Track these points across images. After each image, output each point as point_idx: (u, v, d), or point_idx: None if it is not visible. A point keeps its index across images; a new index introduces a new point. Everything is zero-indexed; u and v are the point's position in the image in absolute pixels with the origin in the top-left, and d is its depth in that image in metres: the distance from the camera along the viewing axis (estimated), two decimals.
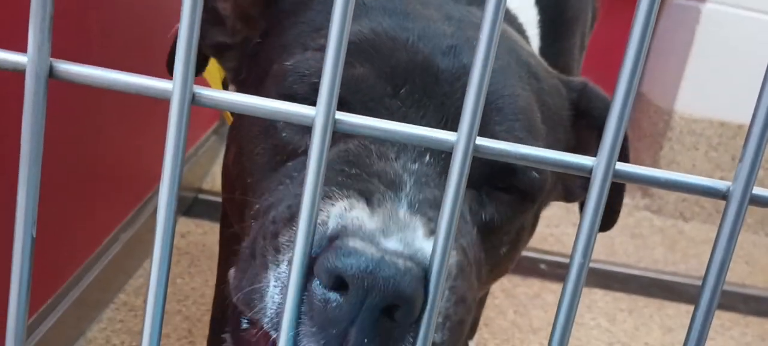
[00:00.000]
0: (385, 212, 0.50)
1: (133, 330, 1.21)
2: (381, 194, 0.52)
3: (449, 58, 0.59)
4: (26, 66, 0.31)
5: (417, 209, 0.52)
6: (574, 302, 0.32)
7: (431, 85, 0.58)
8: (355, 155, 0.55)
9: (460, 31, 0.62)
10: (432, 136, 0.32)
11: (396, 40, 0.59)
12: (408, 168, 0.55)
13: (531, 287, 1.56)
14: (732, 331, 1.55)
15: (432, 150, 0.56)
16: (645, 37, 0.30)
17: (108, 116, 1.18)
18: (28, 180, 0.32)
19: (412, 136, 0.32)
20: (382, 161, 0.55)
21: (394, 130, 0.32)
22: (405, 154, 0.56)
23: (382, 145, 0.56)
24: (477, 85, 0.30)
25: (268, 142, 0.61)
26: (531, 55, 0.68)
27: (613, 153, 0.31)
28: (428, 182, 0.55)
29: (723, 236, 0.31)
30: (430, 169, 0.56)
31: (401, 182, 0.54)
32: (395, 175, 0.54)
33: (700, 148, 2.08)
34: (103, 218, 1.24)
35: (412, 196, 0.53)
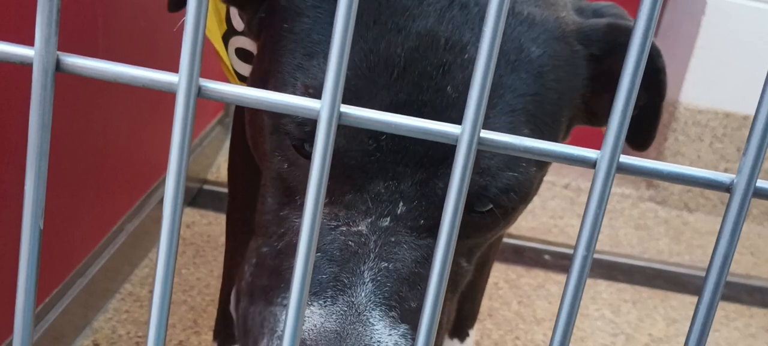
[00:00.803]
0: (340, 311, 0.52)
1: (139, 320, 1.22)
2: (334, 284, 0.53)
3: (436, 85, 0.56)
4: (33, 59, 0.31)
5: (379, 297, 0.53)
6: (577, 294, 0.33)
7: (430, 80, 0.55)
8: (321, 234, 0.56)
9: (458, 31, 0.57)
10: (435, 129, 0.32)
11: (380, 81, 0.55)
12: (377, 227, 0.55)
13: (535, 278, 1.56)
14: (736, 322, 1.55)
15: (406, 196, 0.56)
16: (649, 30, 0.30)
17: (114, 108, 1.18)
18: (35, 172, 0.33)
19: (415, 129, 0.32)
20: (347, 229, 0.55)
21: (397, 123, 0.32)
22: (377, 209, 0.55)
23: (350, 208, 0.56)
24: (481, 77, 0.31)
25: (272, 171, 0.61)
26: (532, 24, 0.60)
27: (616, 146, 0.31)
28: (398, 242, 0.55)
29: (726, 229, 0.32)
30: (400, 223, 0.56)
31: (364, 253, 0.54)
32: (358, 245, 0.55)
33: (705, 140, 2.08)
34: (109, 209, 1.25)
35: (375, 273, 0.54)
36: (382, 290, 0.53)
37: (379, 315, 0.52)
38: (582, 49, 0.63)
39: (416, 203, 0.56)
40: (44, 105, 0.32)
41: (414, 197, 0.56)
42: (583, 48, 0.63)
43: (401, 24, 0.56)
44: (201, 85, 0.32)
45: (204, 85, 0.32)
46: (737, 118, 2.05)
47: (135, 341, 1.18)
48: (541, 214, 1.83)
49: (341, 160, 0.55)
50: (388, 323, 0.52)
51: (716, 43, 1.99)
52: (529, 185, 0.59)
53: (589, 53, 0.63)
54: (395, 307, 0.53)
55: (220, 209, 1.56)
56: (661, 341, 1.43)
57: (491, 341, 1.35)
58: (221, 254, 1.37)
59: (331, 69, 0.31)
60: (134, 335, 1.19)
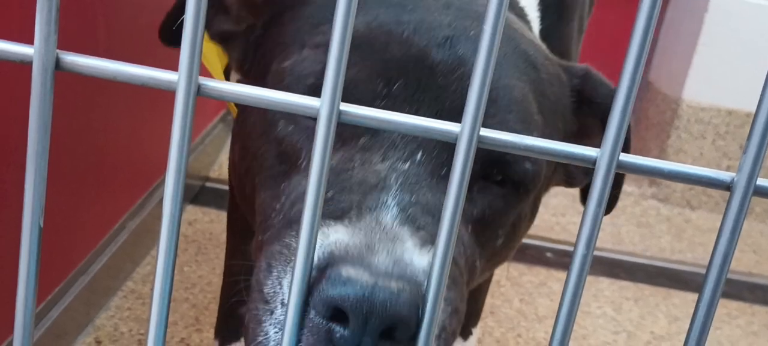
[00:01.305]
0: (367, 226, 0.50)
1: (141, 318, 1.22)
2: (356, 208, 0.51)
3: (445, 50, 0.58)
4: (33, 58, 0.31)
5: (406, 217, 0.51)
6: (577, 292, 0.32)
7: (426, 78, 0.57)
8: (335, 173, 0.55)
9: (458, 21, 0.61)
10: (435, 128, 0.32)
11: (390, 35, 0.58)
12: (396, 169, 0.54)
13: (537, 276, 1.56)
14: (738, 320, 1.55)
15: (424, 146, 0.56)
16: (649, 26, 0.30)
17: (115, 106, 1.18)
18: (35, 170, 0.33)
19: (415, 127, 0.32)
20: (365, 168, 0.54)
21: (397, 121, 0.32)
22: (394, 154, 0.55)
23: (366, 150, 0.56)
24: (481, 75, 0.30)
25: (270, 148, 0.61)
26: (530, 43, 0.67)
27: (616, 144, 0.31)
28: (419, 182, 0.54)
29: (727, 227, 0.31)
30: (421, 168, 0.55)
31: (385, 186, 0.53)
32: (377, 179, 0.53)
33: (707, 137, 2.07)
34: (110, 207, 1.25)
35: (399, 200, 0.52)
36: (407, 212, 0.51)
37: (408, 232, 0.50)
38: (566, 78, 0.69)
39: (437, 152, 0.56)
40: (44, 103, 0.32)
41: (434, 146, 0.56)
42: (567, 78, 0.69)
43: (408, 5, 0.61)
44: (200, 83, 0.32)
45: (203, 84, 0.32)
46: (740, 115, 2.05)
47: (137, 339, 1.18)
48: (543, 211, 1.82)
49: (352, 98, 0.54)
50: (418, 242, 0.49)
51: (719, 41, 1.99)
52: (539, 164, 0.61)
53: (571, 86, 0.69)
54: (423, 228, 0.51)
55: (222, 206, 1.56)
56: (663, 339, 1.43)
57: (493, 339, 1.35)
58: (223, 251, 1.37)
59: (330, 67, 0.31)
60: (136, 333, 1.19)
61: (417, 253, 0.49)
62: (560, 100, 0.67)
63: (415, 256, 0.48)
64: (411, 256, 0.48)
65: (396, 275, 0.46)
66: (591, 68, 0.71)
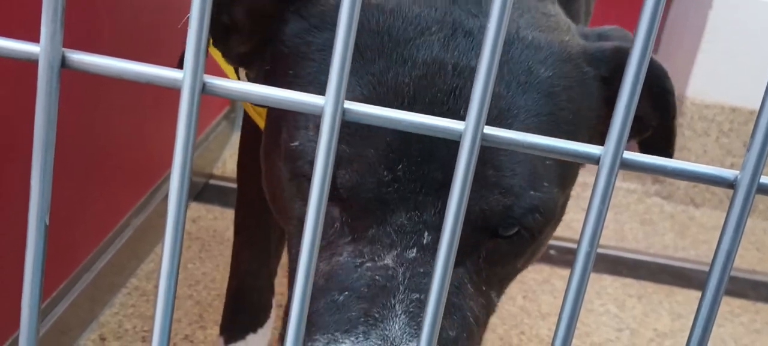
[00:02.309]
0: (374, 342, 0.50)
1: (145, 315, 1.22)
2: (365, 323, 0.51)
3: (448, 111, 0.55)
4: (39, 56, 0.31)
5: (413, 328, 0.51)
6: (581, 289, 0.33)
7: (428, 151, 0.55)
8: (344, 272, 0.54)
9: (463, 58, 0.56)
10: (439, 126, 0.32)
11: (392, 105, 0.54)
12: (404, 259, 0.54)
13: (540, 273, 1.56)
14: (742, 317, 1.55)
15: (430, 226, 0.54)
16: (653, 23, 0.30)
17: (120, 103, 1.19)
18: (41, 168, 0.33)
19: (419, 125, 0.32)
20: (373, 264, 0.54)
21: (401, 119, 0.32)
22: (402, 240, 0.54)
23: (374, 242, 0.55)
24: (485, 73, 0.31)
25: (294, 219, 0.61)
26: (543, 48, 0.59)
27: (620, 142, 0.31)
28: (428, 273, 0.54)
29: (730, 225, 0.32)
30: (428, 253, 0.54)
31: (393, 287, 0.53)
32: (386, 279, 0.53)
33: (711, 134, 2.07)
34: (115, 204, 1.25)
35: (407, 306, 0.52)
36: (416, 321, 0.51)
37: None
38: (591, 70, 0.62)
39: None
40: (50, 101, 0.32)
41: (439, 225, 0.54)
42: (591, 69, 0.62)
43: (406, 55, 0.56)
44: (205, 81, 0.32)
45: (208, 82, 0.32)
46: (744, 112, 2.04)
47: (141, 336, 1.18)
48: None
49: (358, 194, 0.54)
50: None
51: (723, 38, 1.98)
52: (553, 205, 0.58)
53: (598, 74, 0.63)
54: None
55: (226, 203, 1.56)
56: (666, 336, 1.43)
57: (496, 336, 1.35)
58: (227, 248, 1.37)
59: (334, 65, 0.31)
60: (140, 330, 1.19)
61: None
62: (583, 106, 0.62)
63: None
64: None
65: None
66: (621, 44, 0.63)
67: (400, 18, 0.57)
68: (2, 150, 0.89)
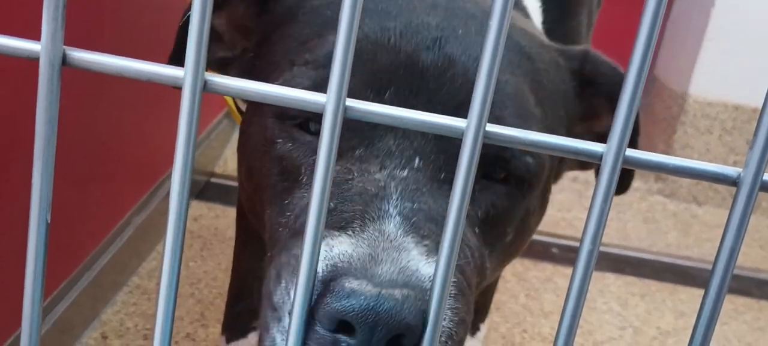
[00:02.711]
0: (371, 236, 0.50)
1: (147, 313, 1.23)
2: (359, 219, 0.51)
3: (433, 52, 0.58)
4: (40, 54, 0.31)
5: (410, 226, 0.51)
6: (583, 287, 0.32)
7: (416, 82, 0.57)
8: (335, 184, 0.54)
9: (445, 21, 0.61)
10: (441, 123, 0.32)
11: (377, 43, 0.58)
12: (395, 176, 0.54)
13: (543, 271, 1.56)
14: (745, 315, 1.54)
15: (421, 153, 0.55)
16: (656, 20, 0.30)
17: (121, 101, 1.19)
18: (42, 165, 0.33)
19: (421, 122, 0.32)
20: (363, 178, 0.54)
21: (403, 116, 0.32)
22: (391, 162, 0.55)
23: (363, 161, 0.56)
24: (487, 70, 0.30)
25: (272, 166, 0.61)
26: (523, 33, 0.66)
27: (623, 139, 0.31)
28: (419, 189, 0.54)
29: (733, 223, 0.31)
30: (419, 174, 0.55)
31: (386, 195, 0.53)
32: (377, 189, 0.53)
33: (714, 132, 2.07)
34: (116, 202, 1.25)
35: (401, 209, 0.52)
36: (410, 221, 0.51)
37: (413, 242, 0.50)
38: (563, 61, 0.68)
39: (433, 156, 0.56)
40: (51, 99, 0.32)
41: (430, 151, 0.56)
42: (564, 61, 0.68)
43: (393, 11, 0.61)
44: (206, 79, 0.32)
45: (209, 79, 0.32)
46: (747, 110, 2.04)
47: (143, 334, 1.18)
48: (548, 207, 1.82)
49: None
50: (423, 251, 0.50)
51: (726, 35, 1.98)
52: (541, 157, 0.60)
53: (570, 67, 0.68)
54: (428, 236, 0.51)
55: (228, 201, 1.56)
56: (669, 335, 1.43)
57: (499, 334, 1.35)
58: (229, 246, 1.37)
59: (336, 63, 0.31)
60: (142, 328, 1.19)
61: (423, 261, 0.49)
62: (559, 87, 0.67)
63: (421, 264, 0.49)
64: (416, 264, 0.48)
65: (401, 283, 0.46)
66: (589, 49, 0.69)
67: None
68: (4, 148, 0.90)
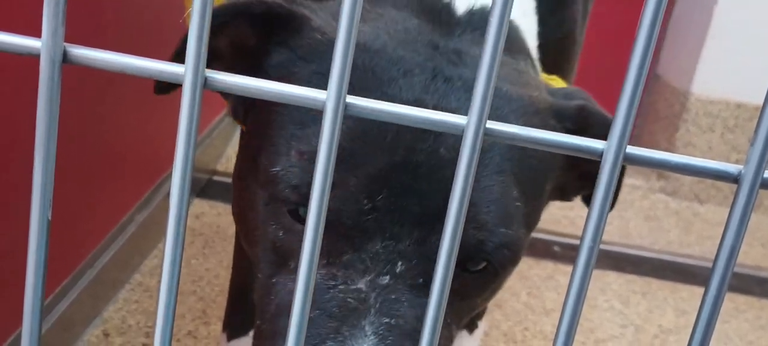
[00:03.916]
0: None
1: (149, 310, 1.23)
2: (335, 340, 0.53)
3: (427, 152, 0.57)
4: (40, 51, 0.31)
5: (384, 344, 0.53)
6: (584, 284, 0.32)
7: (408, 184, 0.56)
8: (319, 292, 0.55)
9: (444, 101, 0.59)
10: (442, 120, 0.32)
11: (374, 144, 0.57)
12: (377, 285, 0.55)
13: (544, 269, 1.56)
14: (746, 314, 1.54)
15: (404, 256, 0.56)
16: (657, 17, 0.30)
17: (122, 99, 1.19)
18: (43, 163, 0.33)
19: (421, 119, 0.32)
20: (346, 286, 0.55)
21: (404, 114, 0.32)
22: (376, 266, 0.56)
23: (349, 267, 0.56)
24: (487, 69, 0.30)
25: (264, 241, 0.62)
26: (519, 101, 0.63)
27: (623, 136, 0.31)
28: (399, 300, 0.55)
29: (734, 220, 0.31)
30: (400, 281, 0.56)
31: (365, 309, 0.54)
32: (358, 301, 0.55)
33: (716, 130, 2.06)
34: (118, 200, 1.25)
35: (377, 328, 0.54)
36: (385, 343, 0.53)
37: None
38: (557, 124, 0.66)
39: (415, 261, 0.57)
40: (51, 96, 0.32)
41: (412, 255, 0.56)
42: (557, 123, 0.66)
43: (390, 93, 0.59)
44: (207, 76, 0.32)
45: (210, 76, 0.32)
46: (749, 108, 2.04)
47: (145, 331, 1.18)
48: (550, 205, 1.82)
49: (337, 221, 0.56)
50: None
51: (728, 33, 1.98)
52: (520, 244, 0.61)
53: (564, 128, 0.66)
54: None
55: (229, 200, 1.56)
56: (671, 332, 1.43)
57: (500, 332, 1.35)
58: (230, 244, 1.38)
59: (337, 58, 0.31)
60: (144, 325, 1.20)
61: None
62: (547, 155, 0.65)
63: None
64: None
65: None
66: (586, 104, 0.66)
67: (384, 58, 0.60)
68: (5, 146, 0.90)
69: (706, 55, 2.01)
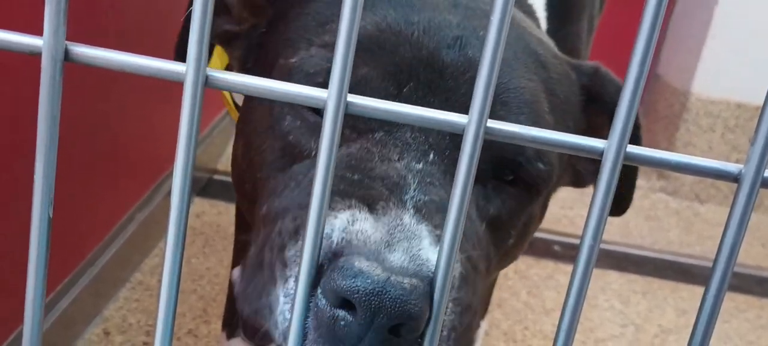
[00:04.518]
0: (390, 220, 0.50)
1: (149, 309, 1.23)
2: (385, 200, 0.52)
3: (454, 51, 0.59)
4: (42, 49, 0.31)
5: (423, 215, 0.52)
6: (584, 284, 0.32)
7: (436, 80, 0.58)
8: (357, 159, 0.55)
9: (466, 21, 0.61)
10: (444, 119, 0.32)
11: (400, 36, 0.58)
12: (412, 168, 0.55)
13: (544, 269, 1.56)
14: (747, 313, 1.54)
15: (436, 147, 0.56)
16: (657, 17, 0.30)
17: (123, 98, 1.19)
18: (44, 161, 0.33)
19: (424, 118, 0.32)
20: (385, 163, 0.55)
21: (406, 113, 0.32)
22: (408, 153, 0.56)
23: (384, 146, 0.56)
24: (488, 66, 0.30)
25: (275, 142, 0.61)
26: (540, 43, 0.67)
27: (624, 135, 0.31)
28: (433, 182, 0.55)
29: (734, 219, 0.31)
30: (434, 167, 0.56)
31: (405, 184, 0.54)
32: (399, 177, 0.54)
33: (716, 130, 2.06)
34: (119, 198, 1.25)
35: (417, 199, 0.53)
36: (423, 214, 0.52)
37: (426, 231, 0.50)
38: (575, 75, 0.69)
39: (448, 152, 0.57)
40: (53, 94, 0.32)
41: (445, 147, 0.57)
42: (576, 75, 0.69)
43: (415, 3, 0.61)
44: (208, 74, 0.32)
45: (211, 75, 0.32)
46: (750, 108, 2.04)
47: (145, 330, 1.18)
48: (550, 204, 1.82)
49: (365, 92, 0.54)
50: (434, 240, 0.50)
51: (729, 33, 1.98)
52: (552, 163, 0.61)
53: (580, 82, 0.69)
54: (439, 227, 0.52)
55: (230, 198, 1.56)
56: (671, 332, 1.43)
57: (500, 331, 1.35)
58: (231, 243, 1.37)
59: (337, 59, 0.31)
60: (144, 324, 1.20)
61: (433, 250, 0.49)
62: (569, 98, 0.67)
63: (431, 253, 0.49)
64: (427, 253, 0.49)
65: (411, 272, 0.46)
66: (600, 66, 0.70)
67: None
68: (6, 144, 0.90)
69: (707, 55, 2.01)
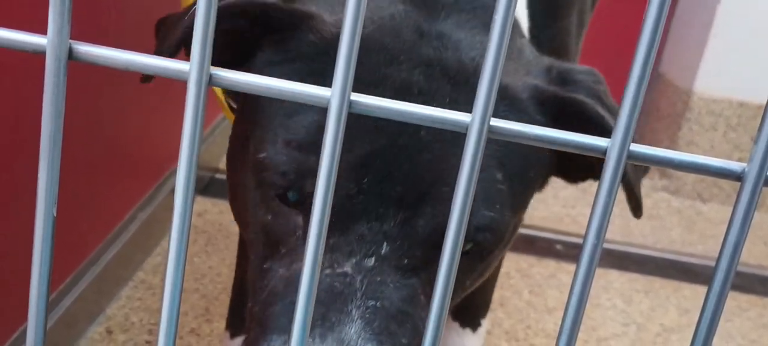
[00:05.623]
0: (335, 338, 0.52)
1: (152, 308, 1.23)
2: (322, 322, 0.53)
3: (410, 135, 0.58)
4: (46, 48, 0.31)
5: (370, 332, 0.53)
6: (587, 283, 0.33)
7: (392, 167, 0.57)
8: None
9: (430, 84, 0.60)
10: (446, 118, 0.32)
11: (362, 128, 0.58)
12: (362, 267, 0.56)
13: (547, 268, 1.56)
14: (749, 312, 1.54)
15: (389, 237, 0.57)
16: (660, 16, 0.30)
17: (127, 96, 1.19)
18: (48, 160, 0.33)
19: (425, 116, 0.32)
20: (333, 269, 0.56)
21: (407, 111, 0.32)
22: (361, 248, 0.56)
23: (335, 251, 0.57)
24: (492, 65, 0.30)
25: (255, 226, 0.62)
26: (504, 80, 0.63)
27: (627, 133, 0.31)
28: (384, 282, 0.56)
29: (737, 218, 0.31)
30: (385, 263, 0.57)
31: (351, 292, 0.55)
32: (344, 285, 0.55)
33: (718, 129, 2.06)
34: (121, 197, 1.25)
35: (363, 311, 0.54)
36: (371, 326, 0.54)
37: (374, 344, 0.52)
38: (542, 119, 0.65)
39: (399, 242, 0.57)
40: (57, 93, 0.32)
41: (397, 236, 0.57)
42: (542, 118, 0.65)
43: (376, 83, 0.60)
44: (212, 73, 0.32)
45: (215, 74, 0.32)
46: (752, 107, 2.04)
47: (148, 329, 1.19)
48: (553, 203, 1.82)
49: None
50: None
51: (731, 32, 1.98)
52: (504, 226, 0.61)
53: (546, 122, 0.65)
54: (386, 342, 0.54)
55: None
56: (673, 331, 1.43)
57: (502, 330, 1.35)
58: (233, 242, 1.38)
59: (341, 57, 0.31)
60: (147, 323, 1.20)
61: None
62: (532, 149, 0.65)
63: None
64: None
65: None
66: (578, 98, 0.65)
67: (370, 48, 0.61)
68: (10, 143, 0.90)
69: (709, 54, 2.00)
